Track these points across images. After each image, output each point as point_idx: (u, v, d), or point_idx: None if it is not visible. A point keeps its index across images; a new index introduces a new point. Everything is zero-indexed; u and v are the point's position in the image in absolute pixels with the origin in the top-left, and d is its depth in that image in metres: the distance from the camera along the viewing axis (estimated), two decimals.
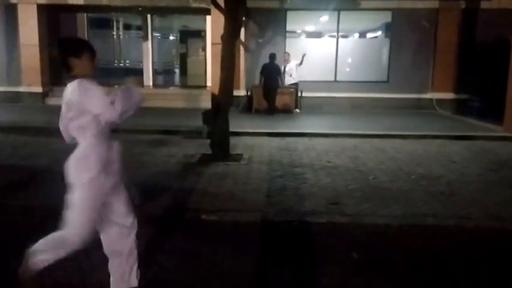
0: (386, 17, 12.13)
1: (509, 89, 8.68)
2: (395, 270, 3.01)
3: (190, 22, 15.09)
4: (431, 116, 11.23)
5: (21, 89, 12.18)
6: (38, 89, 12.17)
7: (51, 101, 12.13)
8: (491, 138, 8.21)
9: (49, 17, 12.31)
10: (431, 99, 12.09)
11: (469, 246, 3.42)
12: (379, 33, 13.12)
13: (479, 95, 10.95)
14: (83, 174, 2.27)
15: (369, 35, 13.48)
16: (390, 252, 3.29)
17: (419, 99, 12.09)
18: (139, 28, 13.97)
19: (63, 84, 12.88)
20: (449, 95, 11.96)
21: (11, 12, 11.93)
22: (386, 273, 2.96)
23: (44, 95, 12.28)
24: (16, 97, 12.13)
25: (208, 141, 6.42)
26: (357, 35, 13.36)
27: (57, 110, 2.43)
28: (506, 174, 5.70)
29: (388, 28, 12.35)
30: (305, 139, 7.98)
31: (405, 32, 11.98)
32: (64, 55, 2.29)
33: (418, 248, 3.36)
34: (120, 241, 2.48)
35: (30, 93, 12.08)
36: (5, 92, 12.21)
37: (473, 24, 11.77)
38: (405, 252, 3.30)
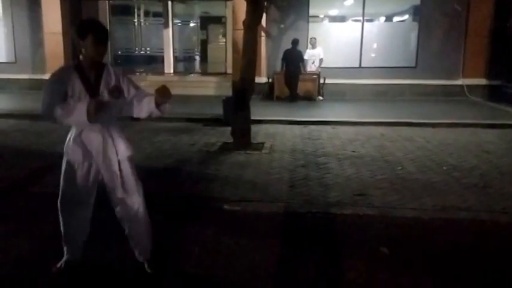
0: (415, 0, 11.61)
1: None
2: (426, 266, 2.84)
3: (211, 8, 14.94)
4: (462, 103, 10.75)
5: (46, 76, 12.27)
6: None
7: None
8: None
9: (72, 5, 12.37)
10: (462, 86, 11.57)
11: (505, 243, 3.21)
12: (406, 16, 12.63)
13: None
14: None
15: (396, 19, 13.00)
16: (421, 247, 3.11)
17: (449, 85, 11.56)
18: (160, 15, 13.91)
19: None
20: (482, 81, 11.41)
21: (35, 0, 12.05)
22: (416, 269, 2.79)
23: None
24: (40, 85, 12.27)
25: (230, 129, 6.31)
26: (383, 18, 12.89)
27: None
28: None
29: (416, 11, 11.81)
30: (328, 127, 7.75)
31: (435, 15, 11.42)
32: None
33: (451, 243, 3.17)
34: None
35: None
36: (29, 80, 12.40)
37: (506, 6, 11.13)
38: (437, 247, 3.11)
